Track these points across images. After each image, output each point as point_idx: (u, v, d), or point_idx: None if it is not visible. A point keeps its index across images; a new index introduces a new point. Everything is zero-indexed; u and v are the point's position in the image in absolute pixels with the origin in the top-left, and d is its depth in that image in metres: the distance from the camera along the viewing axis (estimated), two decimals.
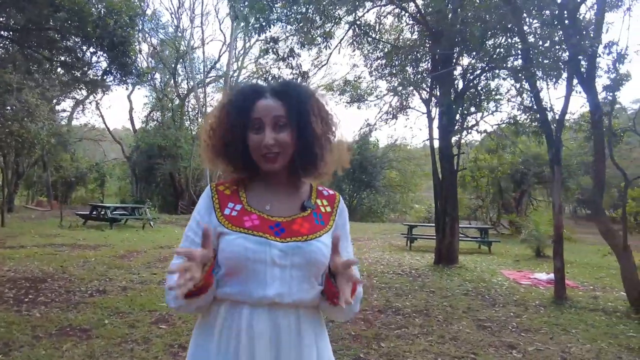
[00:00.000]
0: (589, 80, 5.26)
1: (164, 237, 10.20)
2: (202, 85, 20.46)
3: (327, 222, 1.14)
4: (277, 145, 1.06)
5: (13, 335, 3.36)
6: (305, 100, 1.11)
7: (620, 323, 4.45)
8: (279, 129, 1.07)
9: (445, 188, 7.91)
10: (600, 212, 5.22)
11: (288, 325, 1.02)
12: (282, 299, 1.01)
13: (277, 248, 1.02)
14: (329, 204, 1.18)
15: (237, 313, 1.02)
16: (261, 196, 1.13)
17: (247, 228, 1.04)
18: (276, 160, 1.07)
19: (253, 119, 1.08)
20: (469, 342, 3.76)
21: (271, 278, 1.01)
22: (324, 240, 1.08)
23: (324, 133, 1.12)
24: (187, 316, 4.05)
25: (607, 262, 9.14)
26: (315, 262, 1.05)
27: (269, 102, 1.09)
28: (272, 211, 1.10)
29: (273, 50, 6.29)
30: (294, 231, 1.07)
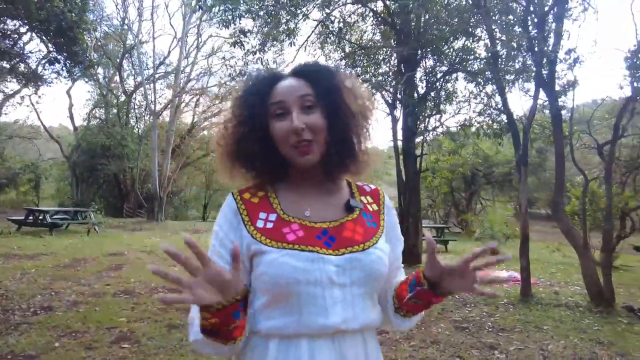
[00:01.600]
0: (550, 85, 5.47)
1: (112, 243, 9.47)
2: (151, 82, 19.40)
3: (379, 223, 0.96)
4: (309, 129, 0.86)
5: None
6: (333, 76, 0.92)
7: (584, 317, 4.63)
8: (307, 111, 0.87)
9: (409, 189, 7.96)
10: (561, 212, 5.42)
11: (356, 356, 0.85)
12: (347, 325, 0.82)
13: (333, 263, 0.83)
14: (374, 200, 1.00)
15: (293, 349, 0.82)
16: (296, 200, 0.92)
17: (291, 242, 0.84)
18: (310, 150, 0.86)
19: (273, 104, 0.89)
20: (451, 344, 3.72)
21: (332, 301, 0.82)
22: (381, 246, 0.91)
23: (362, 113, 0.92)
24: (153, 333, 3.68)
25: (555, 258, 9.70)
26: (377, 275, 0.87)
27: (290, 81, 0.91)
28: (314, 217, 0.90)
29: (242, 43, 5.97)
30: (347, 239, 0.87)
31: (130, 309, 4.37)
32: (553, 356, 3.49)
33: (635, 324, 4.47)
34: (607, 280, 4.88)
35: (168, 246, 0.68)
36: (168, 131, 19.13)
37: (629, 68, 7.48)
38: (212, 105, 23.57)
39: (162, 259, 7.69)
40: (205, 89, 21.57)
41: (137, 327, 3.79)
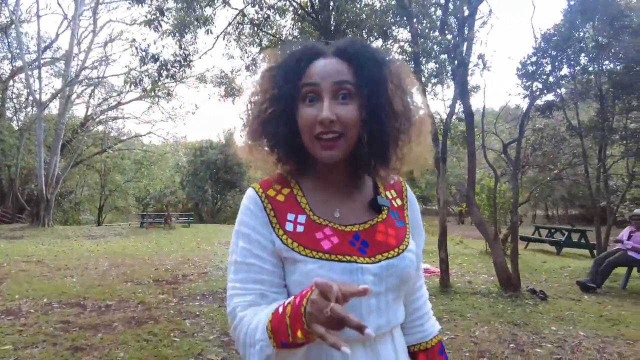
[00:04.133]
0: (463, 87, 5.83)
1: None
2: (35, 67, 16.90)
3: (405, 221, 0.89)
4: (339, 123, 0.76)
5: None
6: (382, 63, 0.81)
7: (498, 303, 4.99)
8: (342, 100, 0.77)
9: None
10: (473, 205, 5.82)
11: (386, 353, 0.82)
12: (380, 331, 0.80)
13: (370, 273, 0.77)
14: (397, 194, 0.92)
15: (325, 354, 0.77)
16: (324, 199, 0.84)
17: (326, 251, 0.77)
18: (335, 146, 0.77)
19: (305, 85, 0.78)
20: None
21: (367, 311, 0.77)
22: (412, 247, 0.85)
23: (405, 113, 0.82)
24: (53, 358, 3.06)
25: (459, 250, 10.51)
26: (409, 278, 0.84)
27: (330, 62, 0.79)
28: (344, 218, 0.82)
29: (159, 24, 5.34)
30: (381, 243, 0.81)
31: (17, 332, 3.61)
32: (481, 341, 3.66)
33: (538, 304, 4.94)
34: (515, 266, 5.33)
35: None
36: (57, 124, 16.86)
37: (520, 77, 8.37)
38: (109, 98, 21.46)
39: (55, 269, 6.65)
40: (102, 78, 19.47)
41: (28, 355, 3.12)
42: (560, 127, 9.23)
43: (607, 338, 3.79)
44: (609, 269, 5.99)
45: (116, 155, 25.01)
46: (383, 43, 7.65)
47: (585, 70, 8.40)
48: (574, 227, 14.35)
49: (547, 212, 34.07)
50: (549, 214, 33.91)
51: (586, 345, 3.60)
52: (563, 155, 9.32)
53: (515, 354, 3.37)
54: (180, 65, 5.83)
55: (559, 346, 3.56)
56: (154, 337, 3.50)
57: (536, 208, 32.64)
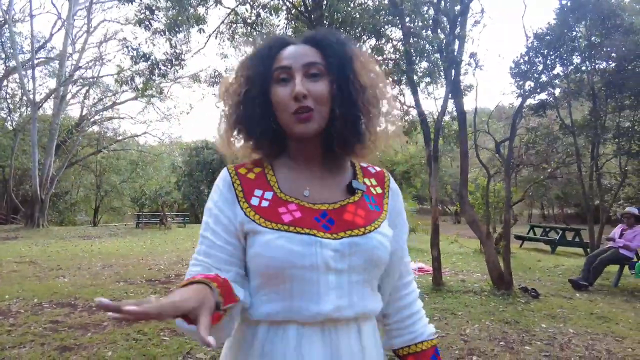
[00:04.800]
0: (456, 85, 5.84)
1: None
2: (29, 67, 16.82)
3: (382, 207, 0.89)
4: (311, 97, 0.79)
5: None
6: (347, 45, 0.85)
7: (490, 301, 5.00)
8: (313, 79, 0.81)
9: None
10: (466, 204, 5.83)
11: (349, 346, 0.79)
12: (341, 313, 0.77)
13: (330, 247, 0.77)
14: (378, 183, 0.93)
15: (280, 335, 0.77)
16: (295, 178, 0.86)
17: (287, 223, 0.78)
18: (309, 118, 0.79)
19: (277, 68, 0.82)
20: None
21: (325, 288, 0.76)
22: (384, 230, 0.84)
23: (373, 91, 0.85)
24: (40, 357, 3.05)
25: (453, 249, 10.53)
26: (378, 261, 0.82)
27: (299, 47, 0.84)
28: (313, 197, 0.84)
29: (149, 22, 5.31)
30: (347, 222, 0.81)
31: (5, 332, 3.59)
32: (471, 339, 3.66)
33: (530, 302, 4.95)
34: (507, 265, 5.35)
35: (103, 300, 0.50)
36: (52, 125, 16.79)
37: (514, 76, 8.39)
38: (104, 98, 21.37)
39: (47, 270, 6.62)
40: (96, 78, 19.40)
41: (15, 355, 3.10)
42: (553, 126, 9.27)
43: (597, 335, 3.81)
44: (601, 267, 6.02)
45: (111, 156, 24.94)
46: (376, 42, 7.65)
47: (578, 69, 8.44)
48: (569, 226, 14.40)
49: (543, 212, 34.21)
50: (544, 213, 34.04)
51: (575, 342, 3.61)
52: (556, 154, 9.36)
53: (504, 351, 3.37)
54: (172, 65, 5.82)
55: (548, 344, 3.57)
56: (143, 337, 3.48)
57: (532, 207, 32.77)
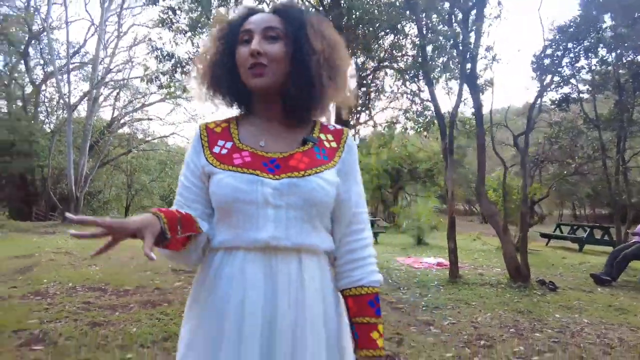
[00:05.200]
0: (473, 79, 5.85)
1: (19, 247, 8.45)
2: (65, 72, 17.69)
3: (332, 158, 0.98)
4: (265, 56, 0.91)
5: None
6: (302, 14, 0.98)
7: (506, 292, 5.01)
8: (271, 41, 0.93)
9: None
10: (484, 198, 5.83)
11: (287, 273, 0.90)
12: (277, 242, 0.89)
13: (270, 186, 0.90)
14: (334, 139, 1.03)
15: (230, 259, 0.91)
16: (255, 132, 0.99)
17: (236, 166, 0.93)
18: (262, 74, 0.92)
19: (241, 31, 0.95)
20: (390, 323, 3.79)
21: (264, 220, 0.89)
22: (326, 176, 0.94)
23: (326, 54, 0.95)
24: (72, 332, 3.31)
25: (476, 246, 10.44)
26: (315, 201, 0.91)
27: (263, 14, 0.97)
28: (268, 147, 0.97)
29: (170, 22, 5.60)
30: (291, 167, 0.93)
31: (43, 310, 3.89)
32: (482, 326, 3.72)
33: (546, 294, 4.93)
34: (524, 257, 5.33)
35: (69, 215, 0.75)
36: (85, 126, 17.58)
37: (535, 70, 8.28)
38: (134, 100, 22.15)
39: (81, 259, 7.03)
40: (126, 80, 20.16)
41: (52, 328, 3.38)
42: (577, 120, 9.06)
43: (612, 325, 3.79)
44: (625, 262, 5.90)
45: (141, 156, 25.79)
46: (394, 38, 7.71)
47: (604, 61, 8.24)
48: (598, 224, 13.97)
49: (575, 212, 33.12)
50: (576, 213, 32.95)
51: (588, 331, 3.61)
52: (581, 149, 9.14)
53: (513, 337, 3.41)
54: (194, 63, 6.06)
55: (559, 332, 3.58)
56: (165, 317, 3.71)
57: (562, 207, 31.79)
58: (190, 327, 0.94)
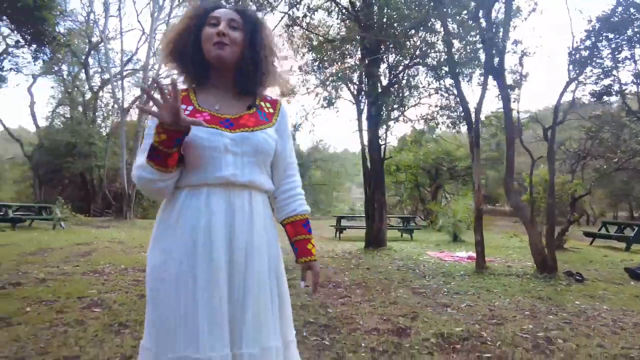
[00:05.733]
0: (500, 73, 5.91)
1: (80, 237, 9.36)
2: (119, 79, 19.07)
3: (271, 120, 1.29)
4: (228, 37, 1.19)
5: None
6: (257, 19, 1.30)
7: (530, 282, 5.06)
8: (232, 29, 1.21)
9: (374, 176, 8.30)
10: (511, 191, 5.87)
11: (242, 205, 1.17)
12: (236, 178, 1.15)
13: (228, 137, 1.17)
14: (272, 106, 1.33)
15: (196, 194, 1.15)
16: (211, 99, 1.25)
17: (205, 122, 1.16)
18: (225, 48, 1.19)
19: (210, 17, 1.23)
20: (409, 304, 4.01)
21: (225, 162, 1.16)
22: (269, 132, 1.24)
23: (270, 47, 1.28)
24: (124, 300, 3.81)
25: (513, 243, 10.26)
26: (262, 150, 1.21)
27: (227, 10, 1.26)
28: (221, 110, 1.23)
29: None
30: (242, 125, 1.21)
31: (100, 284, 4.46)
32: (498, 309, 3.85)
33: (572, 285, 4.93)
34: (551, 248, 5.33)
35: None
36: (137, 128, 18.83)
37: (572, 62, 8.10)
38: None
39: (132, 247, 7.72)
40: None
41: (107, 297, 3.90)
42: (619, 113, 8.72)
43: (631, 312, 3.80)
44: None
45: None
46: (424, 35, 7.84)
47: None
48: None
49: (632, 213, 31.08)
50: (633, 214, 30.91)
51: (604, 316, 3.65)
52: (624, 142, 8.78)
53: (525, 318, 3.54)
54: None
55: (574, 315, 3.65)
56: None
57: (617, 209, 29.97)
58: (164, 245, 1.16)
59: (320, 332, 3.10)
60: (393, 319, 3.47)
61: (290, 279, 1.53)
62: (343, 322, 3.39)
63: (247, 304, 1.15)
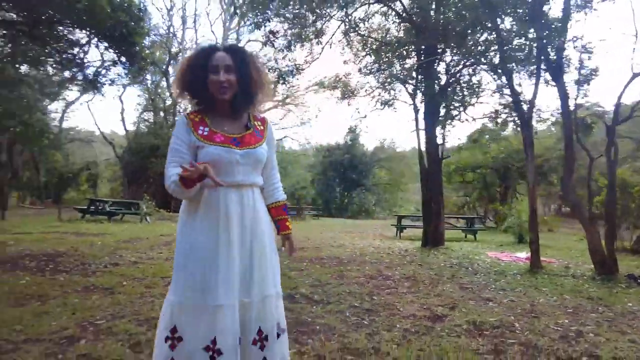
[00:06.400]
0: (558, 71, 5.82)
1: (163, 229, 10.53)
2: None
3: (263, 135, 1.78)
4: (227, 82, 1.64)
5: (45, 291, 3.76)
6: (246, 56, 1.73)
7: (585, 284, 4.98)
8: (228, 73, 1.65)
9: (431, 175, 8.42)
10: (568, 190, 5.75)
11: (247, 198, 1.67)
12: (244, 181, 1.66)
13: (238, 154, 1.65)
14: (261, 124, 1.83)
15: (215, 193, 1.62)
16: (219, 121, 1.71)
17: (217, 142, 1.64)
18: (226, 92, 1.66)
19: (212, 65, 1.65)
20: (451, 297, 4.22)
21: (237, 171, 1.65)
22: (264, 147, 1.75)
23: (258, 79, 1.73)
24: None
25: (579, 245, 9.76)
26: (260, 160, 1.73)
27: (222, 54, 1.68)
28: (229, 131, 1.69)
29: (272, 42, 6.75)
30: (246, 143, 1.69)
31: None
32: (540, 305, 3.94)
33: (631, 287, 4.78)
34: (610, 249, 5.18)
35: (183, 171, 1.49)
36: None
37: None
38: None
39: None
40: None
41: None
42: None
43: None
44: None
45: None
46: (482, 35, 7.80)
47: None
48: None
49: None
50: None
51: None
52: None
53: (564, 314, 3.61)
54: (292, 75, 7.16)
55: (620, 315, 3.64)
56: None
57: None
58: (194, 225, 1.62)
59: (362, 314, 3.47)
60: (432, 308, 3.74)
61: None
62: (385, 307, 3.73)
63: (253, 265, 1.64)
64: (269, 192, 1.83)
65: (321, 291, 4.27)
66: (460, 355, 2.54)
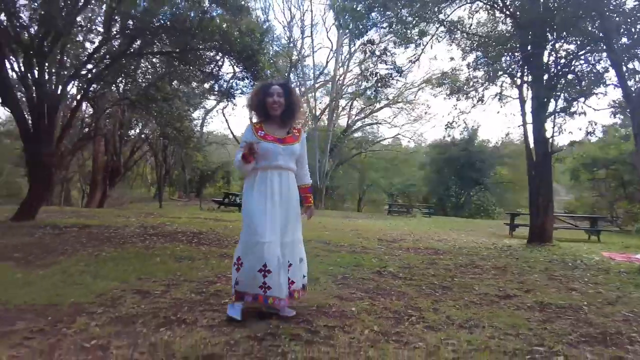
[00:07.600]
0: None
1: None
2: (312, 90, 22.49)
3: (298, 139, 2.87)
4: (278, 103, 2.76)
5: (193, 255, 5.07)
6: (291, 89, 2.86)
7: None
8: (279, 97, 2.76)
9: (539, 170, 8.14)
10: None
11: (286, 177, 2.76)
12: (284, 165, 2.75)
13: (281, 148, 2.75)
14: (297, 132, 2.82)
15: (264, 173, 2.72)
16: (272, 129, 2.82)
17: (269, 140, 2.76)
18: (277, 110, 2.78)
19: (269, 93, 2.79)
20: (534, 285, 4.30)
21: (279, 157, 2.74)
22: (297, 146, 2.83)
23: (297, 103, 2.79)
24: None
25: None
26: (294, 154, 2.83)
27: (276, 87, 2.83)
28: (277, 134, 2.80)
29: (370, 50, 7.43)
30: (286, 142, 2.80)
31: None
32: (626, 297, 3.86)
33: None
34: None
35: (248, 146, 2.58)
36: (327, 132, 21.87)
37: None
38: (365, 107, 25.59)
39: (317, 229, 9.67)
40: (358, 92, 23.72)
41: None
42: None
43: None
44: None
45: (371, 155, 29.39)
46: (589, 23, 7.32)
47: None
48: None
49: None
50: None
51: None
52: None
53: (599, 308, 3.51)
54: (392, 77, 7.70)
55: None
56: (358, 257, 5.42)
57: None
58: (252, 194, 2.68)
59: (437, 289, 3.95)
60: (507, 290, 4.00)
61: None
62: (461, 286, 4.11)
63: (289, 217, 2.70)
64: (299, 176, 2.88)
65: (407, 271, 4.80)
66: (509, 320, 2.91)
